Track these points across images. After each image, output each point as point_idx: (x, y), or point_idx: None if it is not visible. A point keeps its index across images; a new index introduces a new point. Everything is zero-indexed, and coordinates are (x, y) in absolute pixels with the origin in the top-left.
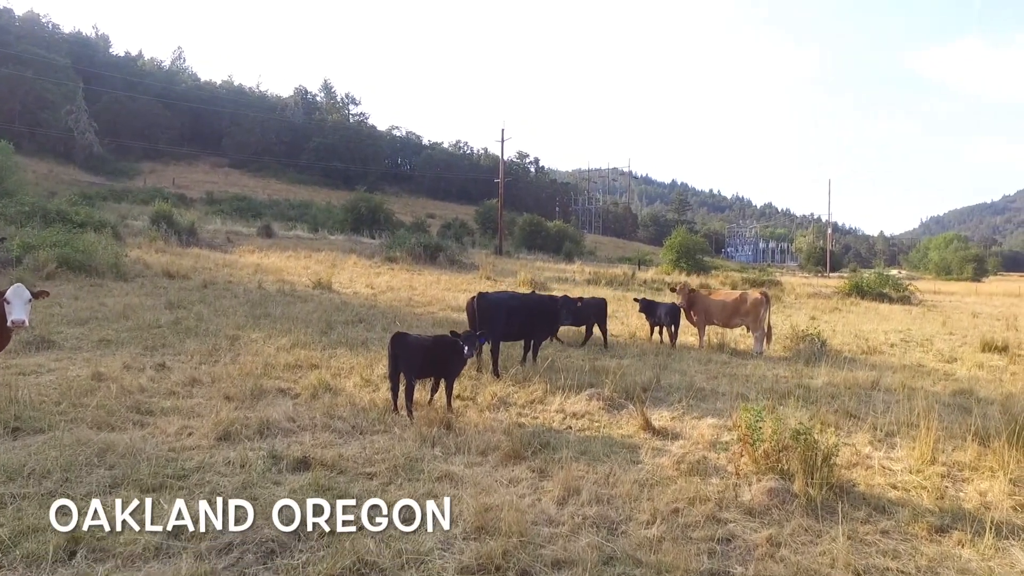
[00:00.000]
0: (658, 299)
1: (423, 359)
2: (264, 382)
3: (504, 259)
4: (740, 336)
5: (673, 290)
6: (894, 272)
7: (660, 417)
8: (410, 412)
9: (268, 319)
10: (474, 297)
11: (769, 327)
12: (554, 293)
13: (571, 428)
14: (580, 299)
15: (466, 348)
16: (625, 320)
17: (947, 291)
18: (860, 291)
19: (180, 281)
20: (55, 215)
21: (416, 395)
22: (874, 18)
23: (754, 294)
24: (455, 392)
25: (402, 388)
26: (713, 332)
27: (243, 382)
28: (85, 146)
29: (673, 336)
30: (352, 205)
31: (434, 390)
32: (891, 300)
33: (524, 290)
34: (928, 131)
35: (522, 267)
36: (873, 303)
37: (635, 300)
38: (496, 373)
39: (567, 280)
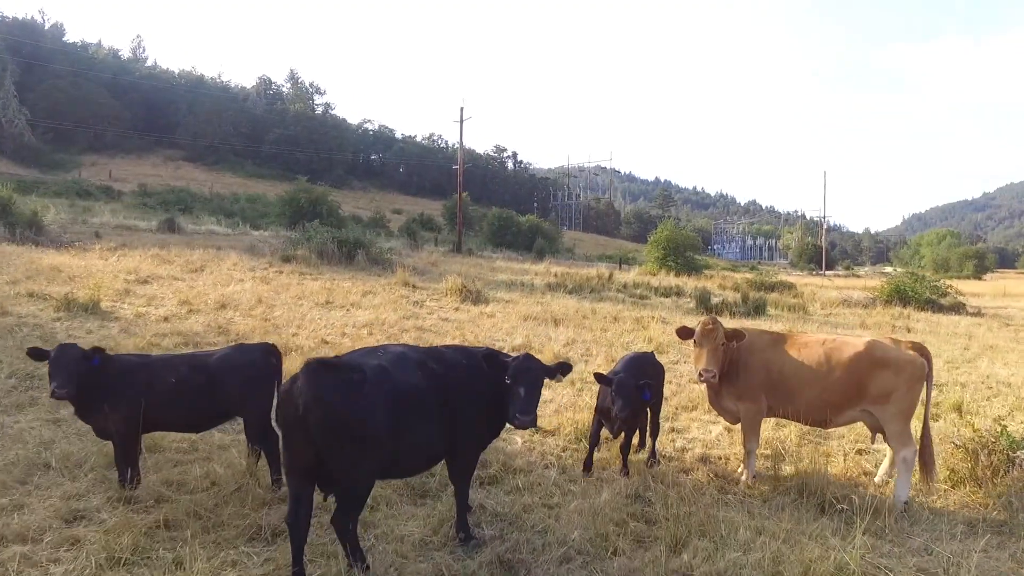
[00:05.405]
0: (646, 318)
1: None
2: None
3: (458, 258)
4: (818, 436)
5: (686, 336)
6: (888, 269)
7: None
8: None
9: None
10: (296, 377)
11: (928, 438)
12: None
13: None
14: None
15: None
16: (588, 390)
17: (970, 292)
18: (903, 297)
19: None
20: None
21: None
22: (855, 16)
23: (903, 351)
24: None
25: None
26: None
27: None
28: (15, 135)
29: (644, 438)
30: (291, 197)
31: None
32: (943, 309)
33: (451, 301)
34: (909, 130)
35: (471, 268)
36: (924, 313)
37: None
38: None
39: (523, 285)
